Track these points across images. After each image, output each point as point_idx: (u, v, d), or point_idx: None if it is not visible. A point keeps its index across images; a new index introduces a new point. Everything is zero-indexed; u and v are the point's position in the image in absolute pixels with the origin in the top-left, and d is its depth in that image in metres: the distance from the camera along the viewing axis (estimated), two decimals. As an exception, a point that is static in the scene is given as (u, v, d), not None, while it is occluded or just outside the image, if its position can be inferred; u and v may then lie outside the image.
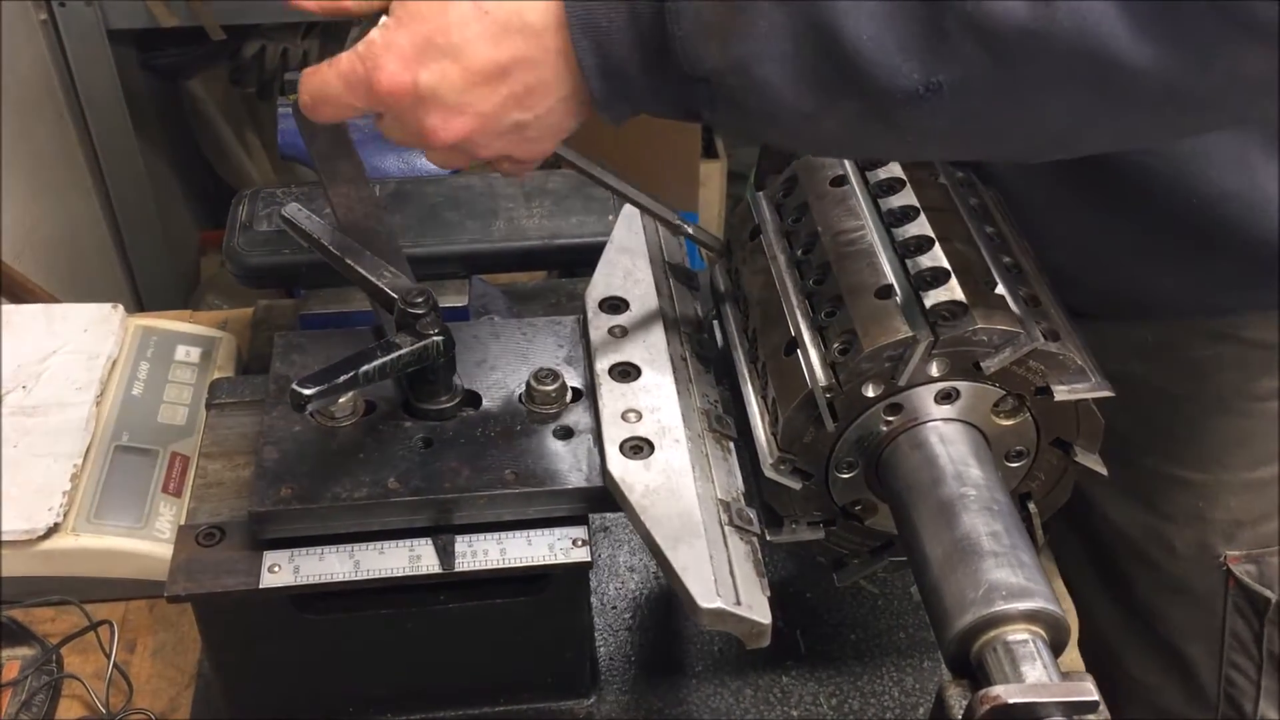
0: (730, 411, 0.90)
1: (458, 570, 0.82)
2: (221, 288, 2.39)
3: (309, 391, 0.79)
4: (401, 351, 0.84)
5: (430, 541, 0.83)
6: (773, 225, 0.93)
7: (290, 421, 0.87)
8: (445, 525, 0.83)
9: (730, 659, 0.99)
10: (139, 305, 2.29)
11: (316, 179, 0.93)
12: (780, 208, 0.95)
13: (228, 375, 1.14)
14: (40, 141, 2.02)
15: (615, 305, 0.94)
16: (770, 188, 0.97)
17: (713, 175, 2.64)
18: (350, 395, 0.86)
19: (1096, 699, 0.65)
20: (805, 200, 0.91)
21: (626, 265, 0.98)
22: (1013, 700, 0.64)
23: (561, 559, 0.83)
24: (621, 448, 0.83)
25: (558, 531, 0.84)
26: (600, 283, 0.96)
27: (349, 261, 0.91)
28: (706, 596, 0.73)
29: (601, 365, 0.89)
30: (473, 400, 0.90)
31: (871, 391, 0.79)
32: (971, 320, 0.77)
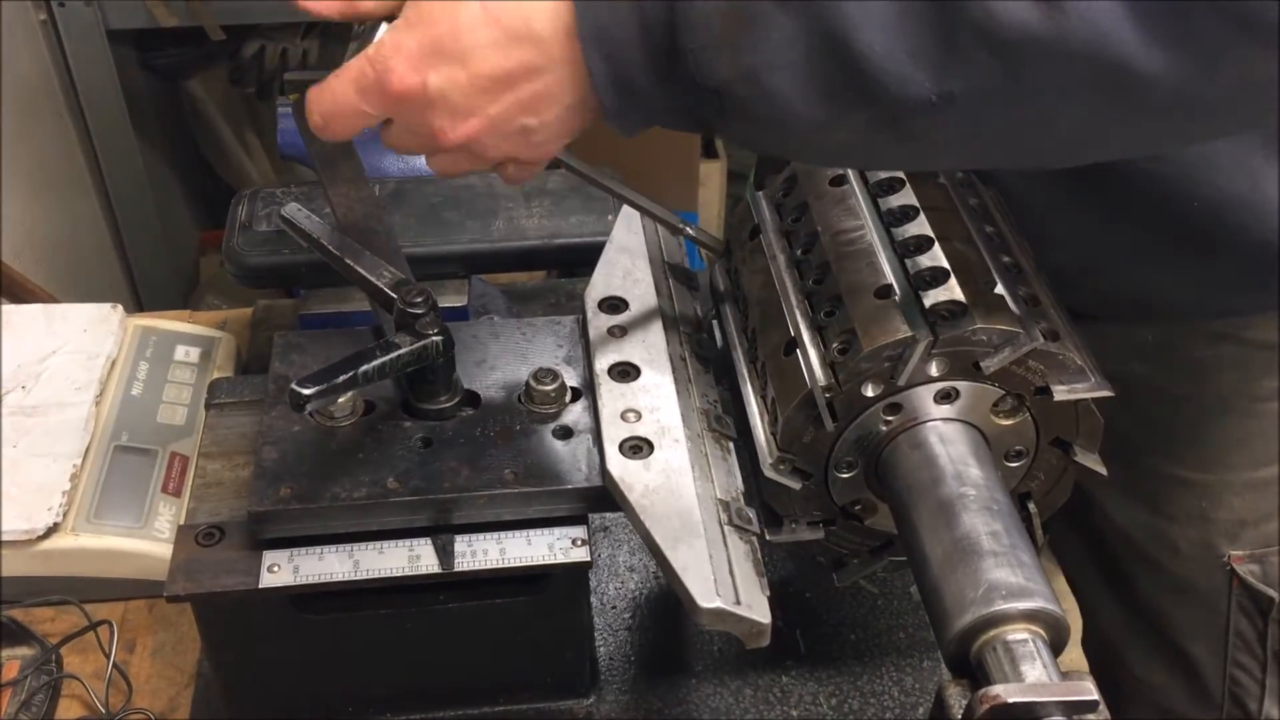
0: (730, 411, 0.90)
1: (457, 570, 0.82)
2: (221, 288, 2.39)
3: (308, 391, 0.79)
4: (401, 351, 0.84)
5: (430, 541, 0.83)
6: (772, 225, 0.93)
7: (290, 421, 0.87)
8: (445, 525, 0.83)
9: (730, 659, 0.99)
10: (138, 305, 2.29)
11: (316, 179, 0.93)
12: (780, 207, 0.95)
13: (227, 375, 1.14)
14: (40, 141, 2.02)
15: (615, 305, 0.94)
16: (770, 187, 0.97)
17: (712, 175, 2.64)
18: (349, 395, 0.86)
19: (1096, 698, 0.65)
20: (805, 200, 0.91)
21: (626, 265, 0.98)
22: (1012, 700, 0.64)
23: (561, 559, 0.83)
24: (621, 447, 0.83)
25: (557, 531, 0.84)
26: (600, 282, 0.96)
27: (348, 261, 0.91)
28: (706, 596, 0.73)
29: (601, 365, 0.89)
30: (472, 400, 0.90)
31: (871, 391, 0.79)
32: (971, 320, 0.77)
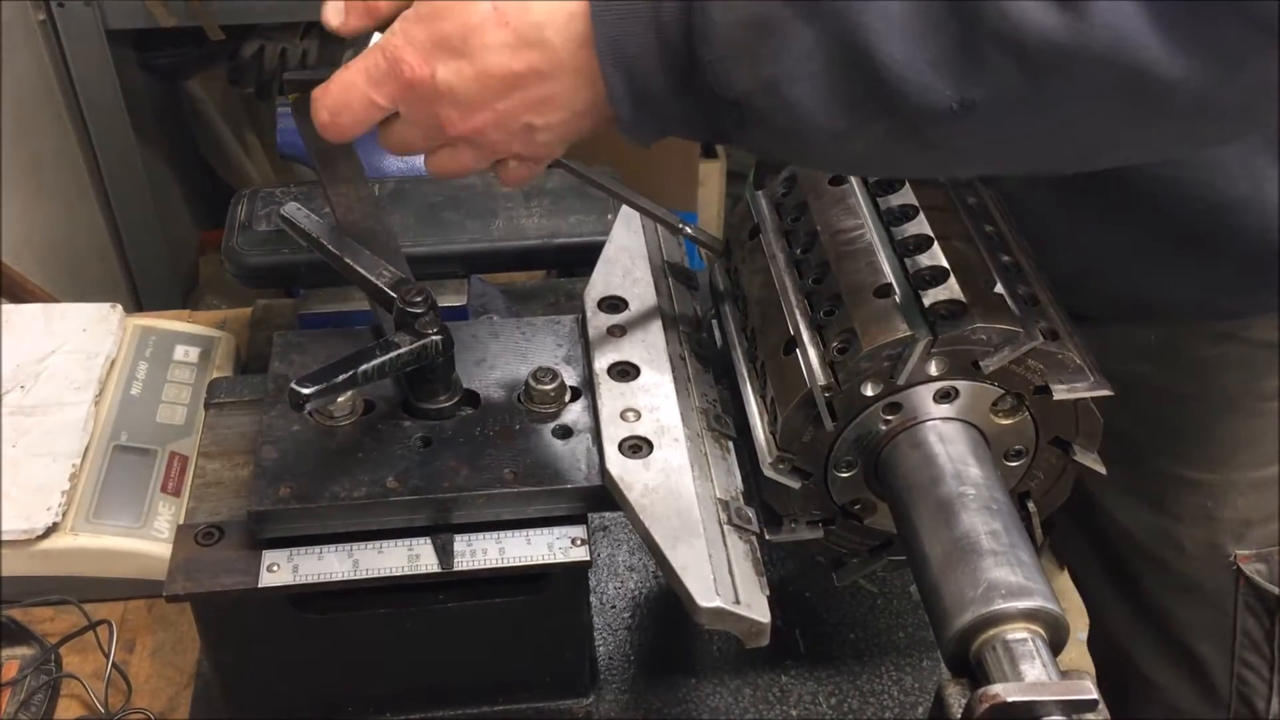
0: (729, 411, 0.90)
1: (457, 569, 0.82)
2: (220, 287, 2.39)
3: (308, 391, 0.79)
4: (400, 351, 0.84)
5: (429, 541, 0.83)
6: (772, 224, 0.93)
7: (289, 421, 0.87)
8: (444, 524, 0.83)
9: (729, 658, 0.99)
10: (138, 305, 2.29)
11: (315, 178, 0.93)
12: (779, 207, 0.95)
13: (226, 375, 1.14)
14: (39, 142, 2.02)
15: (614, 304, 0.94)
16: (769, 187, 0.97)
17: (712, 175, 2.64)
18: (349, 394, 0.86)
19: (1095, 698, 0.65)
20: (804, 199, 0.91)
21: (625, 264, 0.98)
22: (1012, 699, 0.64)
23: (560, 558, 0.83)
24: (620, 447, 0.83)
25: (557, 531, 0.84)
26: (599, 282, 0.96)
27: (348, 261, 0.91)
28: (706, 595, 0.73)
29: (600, 364, 0.89)
30: (472, 399, 0.90)
31: (870, 390, 0.79)
32: (970, 319, 0.77)
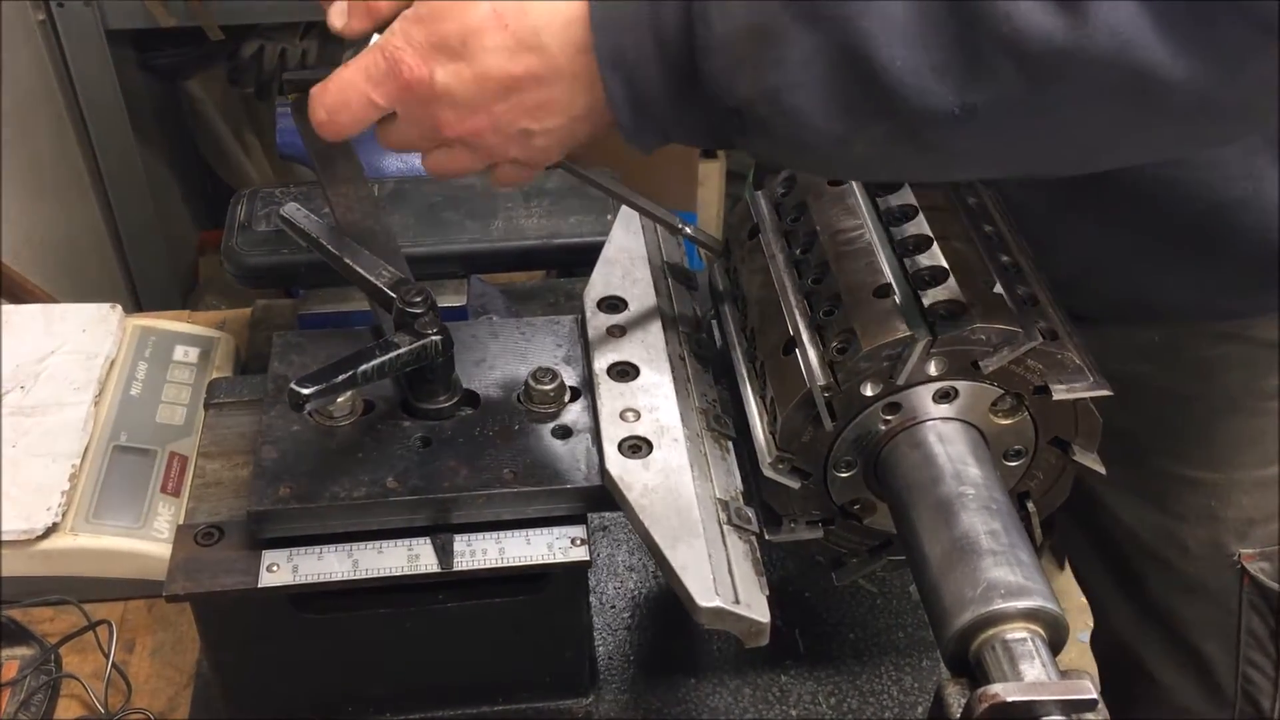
0: (729, 411, 0.90)
1: (456, 569, 0.82)
2: (220, 288, 2.39)
3: (307, 391, 0.79)
4: (400, 351, 0.84)
5: (429, 541, 0.83)
6: (771, 224, 0.93)
7: (289, 421, 0.87)
8: (444, 524, 0.83)
9: (729, 658, 0.99)
10: (137, 305, 2.29)
11: (315, 179, 0.93)
12: (779, 207, 0.95)
13: (226, 375, 1.14)
14: (39, 141, 2.02)
15: (614, 305, 0.94)
16: (769, 187, 0.97)
17: (711, 175, 2.64)
18: (349, 395, 0.87)
19: (1095, 697, 0.65)
20: (804, 199, 0.91)
21: (625, 265, 0.98)
22: (1011, 698, 0.64)
23: (560, 558, 0.83)
24: (620, 447, 0.83)
25: (556, 531, 0.84)
26: (599, 282, 0.96)
27: (347, 261, 0.91)
28: (705, 595, 0.73)
29: (600, 364, 0.89)
30: (471, 399, 0.90)
31: (870, 390, 0.79)
32: (970, 319, 0.77)
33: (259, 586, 0.81)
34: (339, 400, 0.86)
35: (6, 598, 1.00)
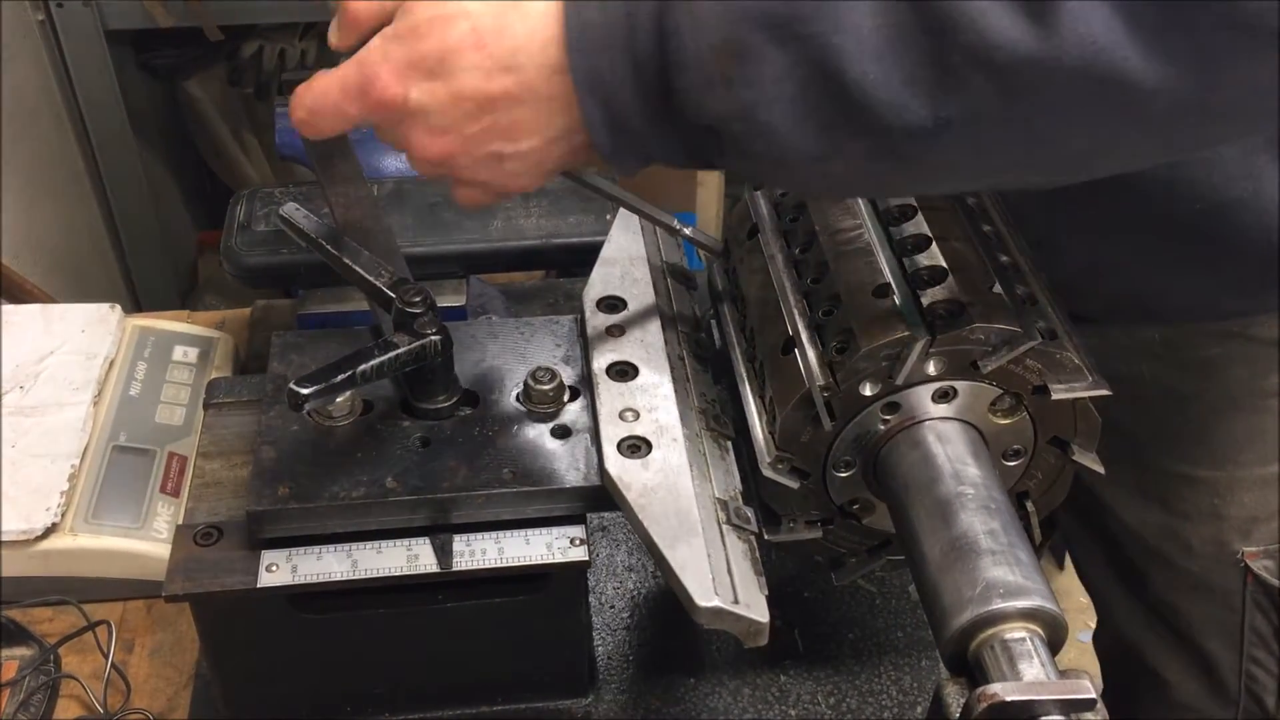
0: (728, 411, 0.90)
1: (456, 569, 0.82)
2: (219, 288, 2.39)
3: (306, 391, 0.79)
4: (399, 351, 0.84)
5: (428, 541, 0.83)
6: (770, 224, 0.93)
7: (288, 421, 0.87)
8: (443, 524, 0.83)
9: (728, 657, 0.99)
10: (136, 305, 2.29)
11: (314, 179, 0.93)
12: (778, 206, 0.95)
13: (225, 375, 1.14)
14: (38, 141, 2.02)
15: (613, 304, 0.94)
16: (768, 187, 0.97)
17: (711, 176, 2.63)
18: (348, 395, 0.87)
19: (1093, 697, 0.65)
20: (803, 199, 0.91)
21: (624, 265, 0.98)
22: (1010, 698, 0.64)
23: (559, 558, 0.83)
24: (619, 447, 0.83)
25: (555, 531, 0.84)
26: (598, 282, 0.96)
27: (347, 261, 0.91)
28: (704, 595, 0.73)
29: (599, 364, 0.89)
30: (470, 399, 0.90)
31: (869, 390, 0.79)
32: (969, 319, 0.77)
33: (258, 587, 0.81)
34: (338, 400, 0.86)
35: (6, 598, 1.00)
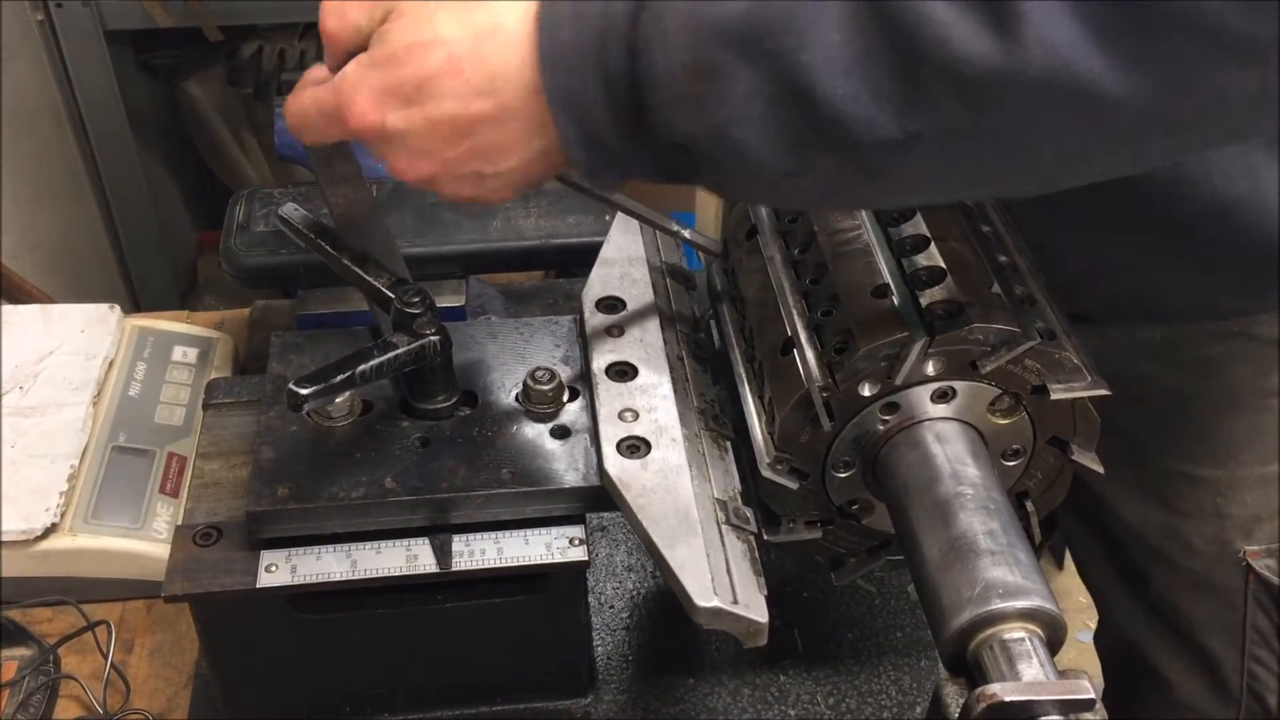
0: (727, 411, 0.90)
1: (455, 570, 0.82)
2: (219, 288, 2.39)
3: (306, 391, 0.79)
4: (398, 351, 0.84)
5: (427, 541, 0.83)
6: (769, 225, 0.93)
7: (287, 421, 0.87)
8: (442, 525, 0.83)
9: (728, 658, 0.99)
10: (136, 306, 2.29)
11: (314, 179, 0.93)
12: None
13: (225, 375, 1.14)
14: (37, 142, 2.02)
15: (612, 305, 0.95)
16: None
17: (710, 175, 2.63)
18: (347, 395, 0.87)
19: (1092, 697, 0.65)
20: (801, 200, 0.91)
21: (623, 265, 0.98)
22: (1009, 698, 0.64)
23: (559, 558, 0.83)
24: (618, 447, 0.83)
25: (555, 531, 0.84)
26: (597, 283, 0.96)
27: (346, 261, 0.91)
28: (704, 595, 0.73)
29: (598, 365, 0.89)
30: (470, 400, 0.90)
31: (868, 390, 0.79)
32: (968, 319, 0.77)
33: (257, 587, 0.81)
34: (337, 400, 0.86)
35: (5, 598, 1.00)
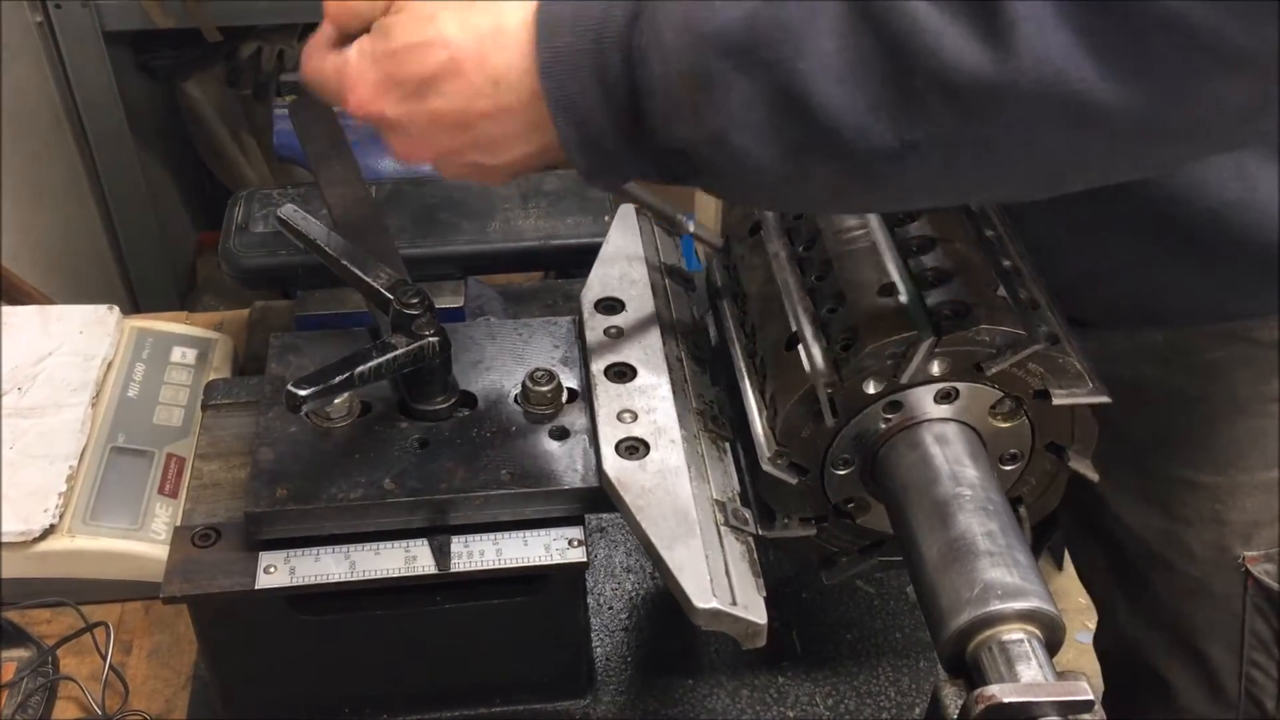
0: (726, 412, 0.90)
1: (454, 571, 0.82)
2: (218, 289, 2.39)
3: (304, 392, 0.79)
4: (397, 352, 0.84)
5: (426, 542, 0.83)
6: (773, 221, 0.93)
7: (286, 422, 0.87)
8: (441, 526, 0.83)
9: (727, 659, 0.99)
10: (135, 307, 2.29)
11: (313, 180, 0.93)
12: (778, 206, 0.95)
13: (223, 376, 1.14)
14: (36, 143, 2.02)
15: (611, 306, 0.94)
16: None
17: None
18: (346, 396, 0.86)
19: (1091, 698, 0.65)
20: (802, 200, 0.91)
21: (622, 266, 0.98)
22: (1008, 699, 0.64)
23: (558, 559, 0.83)
24: (617, 448, 0.83)
25: (554, 532, 0.84)
26: (596, 284, 0.96)
27: (345, 262, 0.91)
28: (702, 596, 0.73)
29: (597, 366, 0.89)
30: (469, 401, 0.90)
31: (872, 388, 0.79)
32: (975, 320, 0.77)
33: (256, 588, 0.81)
34: (336, 401, 0.86)
35: (4, 599, 0.99)
